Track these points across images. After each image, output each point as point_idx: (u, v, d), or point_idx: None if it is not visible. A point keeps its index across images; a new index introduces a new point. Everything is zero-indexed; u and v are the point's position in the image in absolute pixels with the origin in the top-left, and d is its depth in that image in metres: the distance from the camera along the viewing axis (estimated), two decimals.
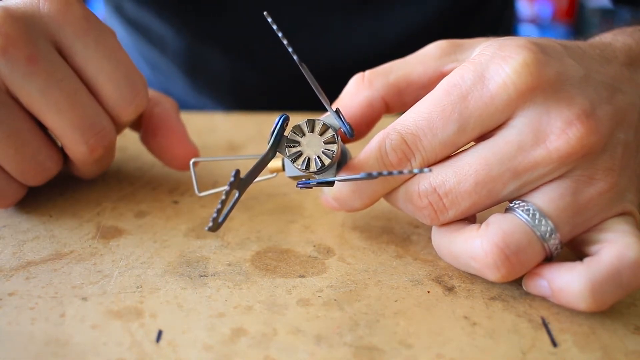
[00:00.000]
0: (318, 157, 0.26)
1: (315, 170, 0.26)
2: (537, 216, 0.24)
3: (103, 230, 0.30)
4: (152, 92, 0.35)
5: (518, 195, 0.25)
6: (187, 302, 0.25)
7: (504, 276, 0.24)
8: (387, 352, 0.22)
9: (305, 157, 0.26)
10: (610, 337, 0.23)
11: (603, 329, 0.24)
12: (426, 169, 0.21)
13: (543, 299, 0.25)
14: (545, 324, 0.24)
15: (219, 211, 0.24)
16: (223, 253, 0.28)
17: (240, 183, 0.25)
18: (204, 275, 0.27)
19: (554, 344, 0.23)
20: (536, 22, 2.23)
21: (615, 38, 0.30)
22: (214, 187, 0.35)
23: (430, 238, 0.29)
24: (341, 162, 0.28)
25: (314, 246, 0.29)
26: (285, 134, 0.27)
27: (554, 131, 0.24)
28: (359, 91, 0.30)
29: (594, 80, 0.25)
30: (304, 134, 0.26)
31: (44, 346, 0.22)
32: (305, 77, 0.25)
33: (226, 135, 0.42)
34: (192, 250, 0.29)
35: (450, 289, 0.26)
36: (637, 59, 0.28)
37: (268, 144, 0.26)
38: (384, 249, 0.29)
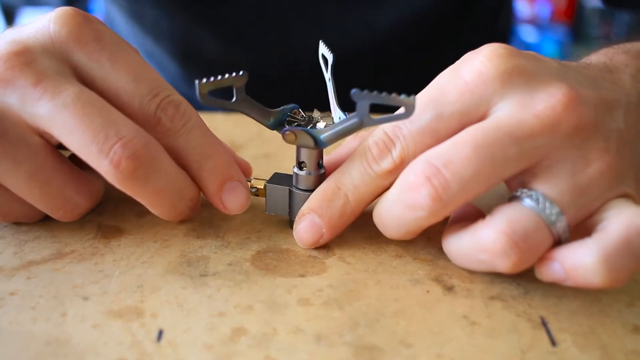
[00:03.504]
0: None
1: (301, 121, 0.29)
2: (541, 200, 0.24)
3: (104, 230, 0.30)
4: None
5: (522, 170, 0.25)
6: (188, 301, 0.25)
7: (515, 264, 0.23)
8: (387, 351, 0.23)
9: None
10: (610, 337, 0.23)
11: (602, 329, 0.24)
12: (412, 96, 0.23)
13: (542, 298, 0.25)
14: (544, 323, 0.24)
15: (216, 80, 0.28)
16: (223, 253, 0.29)
17: (244, 97, 0.30)
18: (205, 275, 0.27)
19: (553, 343, 0.23)
20: (535, 22, 2.23)
21: (592, 57, 0.31)
22: None
23: (429, 238, 0.29)
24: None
25: None
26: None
27: (540, 101, 0.24)
28: (353, 141, 0.31)
29: (572, 71, 0.26)
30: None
31: (45, 346, 0.22)
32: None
33: (226, 135, 0.42)
34: (192, 250, 0.29)
35: (449, 289, 0.26)
36: (615, 67, 0.29)
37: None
38: (384, 249, 0.29)
